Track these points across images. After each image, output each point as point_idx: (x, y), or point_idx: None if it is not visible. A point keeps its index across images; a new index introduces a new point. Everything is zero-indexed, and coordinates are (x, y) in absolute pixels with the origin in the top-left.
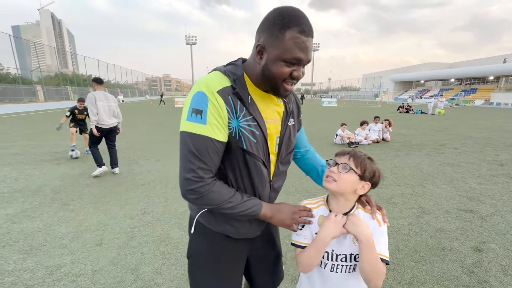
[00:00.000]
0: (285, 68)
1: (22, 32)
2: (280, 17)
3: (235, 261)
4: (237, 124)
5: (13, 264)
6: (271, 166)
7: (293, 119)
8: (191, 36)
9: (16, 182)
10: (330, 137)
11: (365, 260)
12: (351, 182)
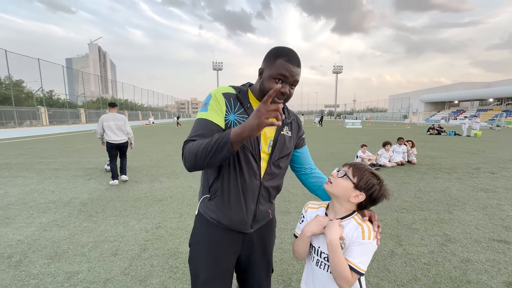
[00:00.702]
0: (274, 84)
1: (73, 64)
2: (276, 51)
3: (227, 253)
4: (233, 118)
5: (38, 268)
6: (263, 162)
7: (291, 131)
8: (218, 62)
9: (52, 194)
10: (350, 158)
11: (331, 263)
12: (344, 188)
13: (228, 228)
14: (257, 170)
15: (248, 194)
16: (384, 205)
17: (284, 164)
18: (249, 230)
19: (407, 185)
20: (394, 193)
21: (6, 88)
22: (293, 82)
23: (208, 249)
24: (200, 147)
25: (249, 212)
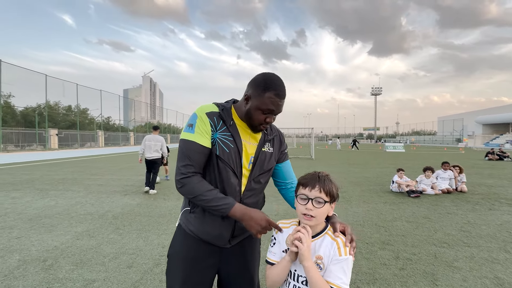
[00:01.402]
0: (261, 115)
1: (129, 93)
2: (264, 81)
3: (202, 266)
4: (215, 136)
5: (64, 273)
6: (243, 179)
7: (272, 147)
8: None
9: (91, 207)
10: (387, 184)
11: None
12: (326, 212)
13: (205, 241)
14: (238, 186)
15: None
16: (419, 237)
17: (264, 179)
18: (226, 245)
19: (453, 216)
20: (434, 225)
21: (74, 115)
22: (278, 113)
23: (184, 261)
24: (200, 192)
25: (227, 228)
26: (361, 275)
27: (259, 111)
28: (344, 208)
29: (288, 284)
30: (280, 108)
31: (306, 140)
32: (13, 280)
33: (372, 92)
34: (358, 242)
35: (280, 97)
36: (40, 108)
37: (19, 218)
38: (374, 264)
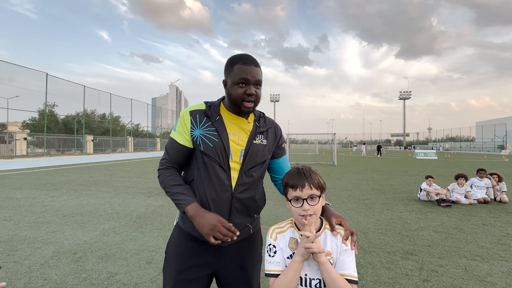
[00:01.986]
0: (239, 89)
1: (157, 102)
2: (231, 59)
3: (194, 264)
4: (198, 133)
5: (90, 265)
6: (234, 173)
7: (266, 140)
8: (275, 94)
9: (118, 207)
10: (414, 192)
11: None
12: (321, 204)
13: (200, 239)
14: (227, 181)
15: (219, 207)
16: (448, 248)
17: (257, 173)
18: (222, 243)
19: (489, 227)
20: (467, 236)
21: (108, 123)
22: (255, 82)
23: (177, 259)
24: (167, 185)
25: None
26: (379, 284)
27: (235, 86)
28: (366, 215)
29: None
30: (254, 75)
31: (329, 146)
32: (48, 269)
33: (400, 96)
34: (379, 251)
35: (247, 63)
36: (79, 116)
37: (56, 215)
38: (395, 273)
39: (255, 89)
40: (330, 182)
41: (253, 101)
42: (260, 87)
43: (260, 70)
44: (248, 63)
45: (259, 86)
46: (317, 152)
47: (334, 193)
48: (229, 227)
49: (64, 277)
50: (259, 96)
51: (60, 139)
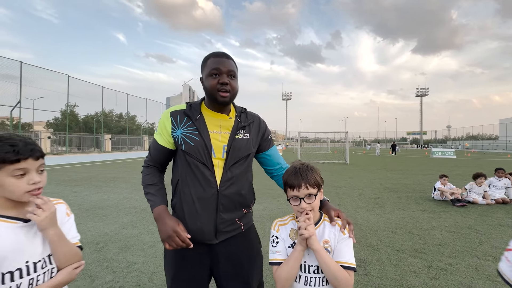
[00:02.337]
0: (213, 80)
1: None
2: (205, 57)
3: (191, 264)
4: (179, 133)
5: (111, 255)
6: (218, 170)
7: (248, 134)
8: (287, 93)
9: (136, 202)
10: (428, 191)
11: (326, 271)
12: (319, 200)
13: (192, 239)
14: (211, 178)
15: (205, 204)
16: (459, 248)
17: (241, 167)
18: (213, 240)
19: (505, 228)
20: (481, 236)
21: (124, 122)
22: (228, 72)
23: (174, 258)
24: (143, 184)
25: (208, 222)
26: (386, 280)
27: (209, 77)
28: (376, 214)
29: (299, 279)
30: (227, 66)
31: (342, 144)
32: None
33: (417, 93)
34: (387, 248)
35: (219, 56)
36: (98, 115)
37: (79, 208)
38: (403, 271)
39: (228, 79)
40: (341, 180)
41: (228, 91)
42: (234, 78)
43: (233, 62)
44: (220, 56)
45: (233, 78)
46: (329, 150)
47: (345, 192)
48: (184, 239)
49: (88, 265)
50: (234, 87)
51: (81, 137)
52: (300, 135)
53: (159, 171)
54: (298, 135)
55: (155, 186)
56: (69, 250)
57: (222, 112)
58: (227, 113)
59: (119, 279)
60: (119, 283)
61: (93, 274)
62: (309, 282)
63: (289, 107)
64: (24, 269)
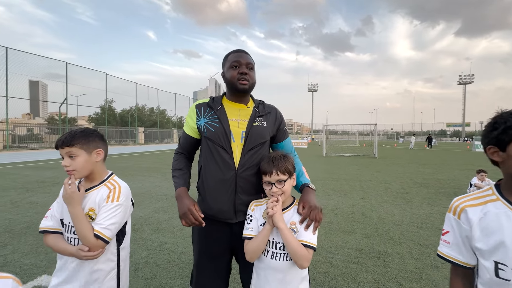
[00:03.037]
0: (233, 71)
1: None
2: (226, 54)
3: (212, 241)
4: (203, 122)
5: (146, 235)
6: (236, 154)
7: (266, 122)
8: (313, 84)
9: (166, 190)
10: (463, 188)
11: (289, 247)
12: (290, 186)
13: (213, 218)
14: (230, 161)
15: (225, 185)
16: None
17: (259, 152)
18: (233, 219)
19: None
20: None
21: (156, 116)
22: (246, 64)
23: (199, 236)
24: (172, 168)
25: (227, 202)
26: (404, 273)
27: (230, 70)
28: (402, 208)
29: (266, 253)
30: (245, 59)
31: (372, 137)
32: None
33: (460, 80)
34: (410, 243)
35: (238, 51)
36: (132, 110)
37: None
38: (424, 265)
39: (247, 70)
40: (367, 174)
41: (247, 81)
42: (252, 70)
43: (250, 57)
44: (239, 51)
45: (251, 70)
46: (357, 143)
47: (370, 186)
48: (196, 218)
49: None
50: (252, 77)
51: (118, 131)
52: (326, 127)
53: (186, 158)
54: (323, 128)
55: (180, 171)
56: (80, 229)
57: (241, 103)
58: (245, 103)
59: (153, 256)
60: (152, 259)
61: (131, 250)
62: (275, 256)
63: (315, 99)
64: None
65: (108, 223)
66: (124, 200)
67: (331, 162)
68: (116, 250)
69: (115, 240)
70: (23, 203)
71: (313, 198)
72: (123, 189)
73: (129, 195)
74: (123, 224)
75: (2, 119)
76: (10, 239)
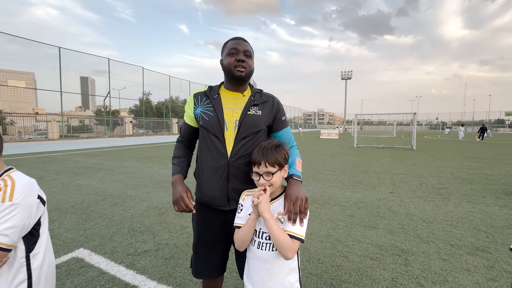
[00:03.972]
0: (231, 58)
1: None
2: (225, 42)
3: (209, 227)
4: (199, 111)
5: (170, 219)
6: (229, 142)
7: (260, 111)
8: (346, 71)
9: (192, 178)
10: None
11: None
12: (280, 178)
13: (208, 205)
14: (223, 149)
15: (217, 173)
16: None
17: (252, 141)
18: (226, 207)
19: None
20: None
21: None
22: (244, 52)
23: (196, 223)
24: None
25: (220, 190)
26: (427, 273)
27: (227, 57)
28: (436, 205)
29: (254, 242)
30: (243, 46)
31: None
32: (142, 218)
33: None
34: (439, 242)
35: (236, 39)
36: (166, 102)
37: (149, 180)
38: (452, 267)
39: (244, 57)
40: (401, 167)
41: (244, 68)
42: (250, 58)
43: (249, 45)
44: (237, 39)
45: (249, 57)
46: (394, 134)
47: (402, 179)
48: (187, 205)
49: (152, 225)
50: (250, 65)
51: (154, 121)
52: (358, 117)
53: (186, 146)
54: (355, 118)
55: (178, 159)
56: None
57: (238, 91)
58: (242, 92)
59: (173, 238)
60: (173, 241)
61: (155, 231)
62: (261, 246)
63: (348, 87)
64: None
65: (3, 228)
66: (22, 198)
67: (361, 154)
68: (26, 258)
69: (23, 246)
70: (71, 185)
71: (296, 189)
72: (18, 186)
73: (29, 192)
74: (29, 226)
75: (58, 112)
76: (57, 215)
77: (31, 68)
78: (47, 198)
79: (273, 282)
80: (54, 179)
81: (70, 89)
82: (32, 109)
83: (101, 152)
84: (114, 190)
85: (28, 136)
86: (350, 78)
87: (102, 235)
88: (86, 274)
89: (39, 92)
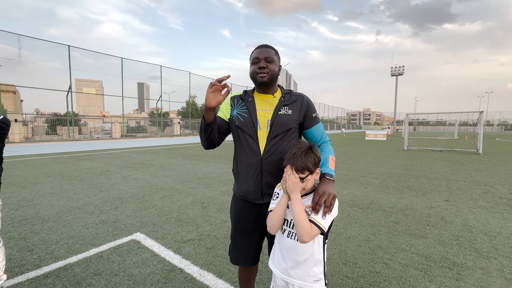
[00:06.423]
0: (253, 66)
1: None
2: (251, 52)
3: (244, 219)
4: (235, 112)
5: (211, 213)
6: (262, 141)
7: (291, 110)
8: (397, 67)
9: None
10: None
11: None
12: (311, 181)
13: (243, 198)
14: (256, 147)
15: (252, 169)
16: None
17: (283, 139)
18: (259, 200)
19: None
20: None
21: None
22: (265, 58)
23: (233, 215)
24: (200, 129)
25: (254, 184)
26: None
27: (251, 66)
28: (503, 217)
29: (284, 232)
30: (264, 54)
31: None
32: (187, 210)
33: None
34: (504, 259)
35: (259, 48)
36: None
37: (194, 177)
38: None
39: (266, 63)
40: (461, 173)
41: (266, 73)
42: (271, 63)
43: (271, 50)
44: (260, 47)
45: (270, 62)
46: (455, 136)
47: (462, 187)
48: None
49: (196, 217)
50: (272, 69)
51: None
52: (409, 117)
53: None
54: (406, 117)
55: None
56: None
57: (268, 93)
58: (272, 93)
59: (214, 230)
60: (214, 233)
61: (198, 223)
62: (291, 235)
63: (399, 84)
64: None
65: None
66: None
67: (412, 157)
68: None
69: None
70: (130, 179)
71: (326, 186)
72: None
73: None
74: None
75: (119, 114)
76: (119, 203)
77: (100, 77)
78: (112, 189)
79: (300, 270)
80: (117, 173)
81: (129, 94)
82: (100, 112)
83: (153, 150)
84: (164, 184)
85: (97, 136)
86: (402, 74)
87: (155, 223)
88: (142, 254)
89: (105, 97)
